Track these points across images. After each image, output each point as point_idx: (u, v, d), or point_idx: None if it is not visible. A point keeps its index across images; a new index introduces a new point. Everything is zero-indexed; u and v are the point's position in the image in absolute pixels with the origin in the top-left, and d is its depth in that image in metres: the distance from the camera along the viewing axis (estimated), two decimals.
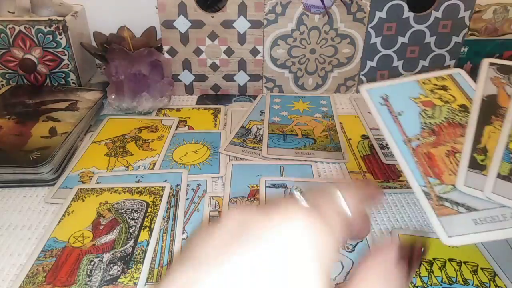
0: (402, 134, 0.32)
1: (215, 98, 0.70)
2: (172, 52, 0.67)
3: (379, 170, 0.51)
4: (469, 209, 0.30)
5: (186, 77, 0.69)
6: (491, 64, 0.34)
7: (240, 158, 0.53)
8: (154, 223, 0.42)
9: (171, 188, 0.47)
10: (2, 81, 0.68)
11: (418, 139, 0.33)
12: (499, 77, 0.33)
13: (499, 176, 0.29)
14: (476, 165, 0.30)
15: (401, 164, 0.31)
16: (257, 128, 0.60)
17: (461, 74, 0.38)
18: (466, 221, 0.29)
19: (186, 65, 0.68)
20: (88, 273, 0.36)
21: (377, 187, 0.26)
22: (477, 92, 0.33)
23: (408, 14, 0.65)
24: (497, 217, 0.29)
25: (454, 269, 0.37)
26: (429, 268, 0.38)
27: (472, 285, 0.36)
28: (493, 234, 0.28)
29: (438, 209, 0.30)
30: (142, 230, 0.41)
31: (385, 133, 0.32)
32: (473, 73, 0.73)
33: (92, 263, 0.37)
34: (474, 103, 0.32)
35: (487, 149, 0.30)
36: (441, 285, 0.36)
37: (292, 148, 0.55)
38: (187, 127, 0.61)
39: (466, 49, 0.71)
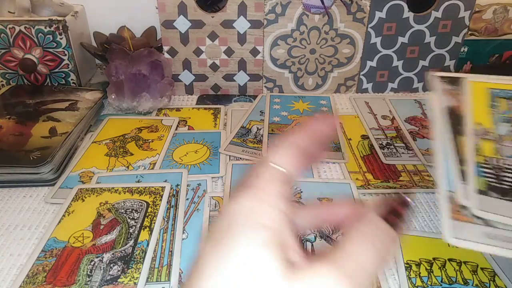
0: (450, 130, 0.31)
1: (215, 98, 0.70)
2: (172, 52, 0.67)
3: (379, 170, 0.51)
4: (487, 224, 0.28)
5: (186, 77, 0.69)
6: (440, 77, 0.35)
7: (240, 158, 0.53)
8: (154, 223, 0.42)
9: (171, 188, 0.47)
10: (2, 81, 0.68)
11: None
12: (451, 89, 0.34)
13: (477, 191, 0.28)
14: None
15: (437, 160, 0.29)
16: (257, 128, 0.60)
17: None
18: (478, 231, 0.28)
19: (186, 65, 0.68)
20: (88, 273, 0.36)
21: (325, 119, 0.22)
22: (435, 104, 0.33)
23: (408, 14, 0.65)
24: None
25: (454, 269, 0.37)
26: (429, 268, 0.38)
27: (472, 285, 0.36)
28: (498, 250, 0.27)
29: (455, 213, 0.29)
30: (142, 230, 0.41)
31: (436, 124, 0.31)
32: (473, 74, 0.74)
33: (92, 263, 0.37)
34: (437, 114, 0.32)
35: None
36: (441, 285, 0.36)
37: None
38: (187, 127, 0.61)
39: (466, 49, 0.71)
